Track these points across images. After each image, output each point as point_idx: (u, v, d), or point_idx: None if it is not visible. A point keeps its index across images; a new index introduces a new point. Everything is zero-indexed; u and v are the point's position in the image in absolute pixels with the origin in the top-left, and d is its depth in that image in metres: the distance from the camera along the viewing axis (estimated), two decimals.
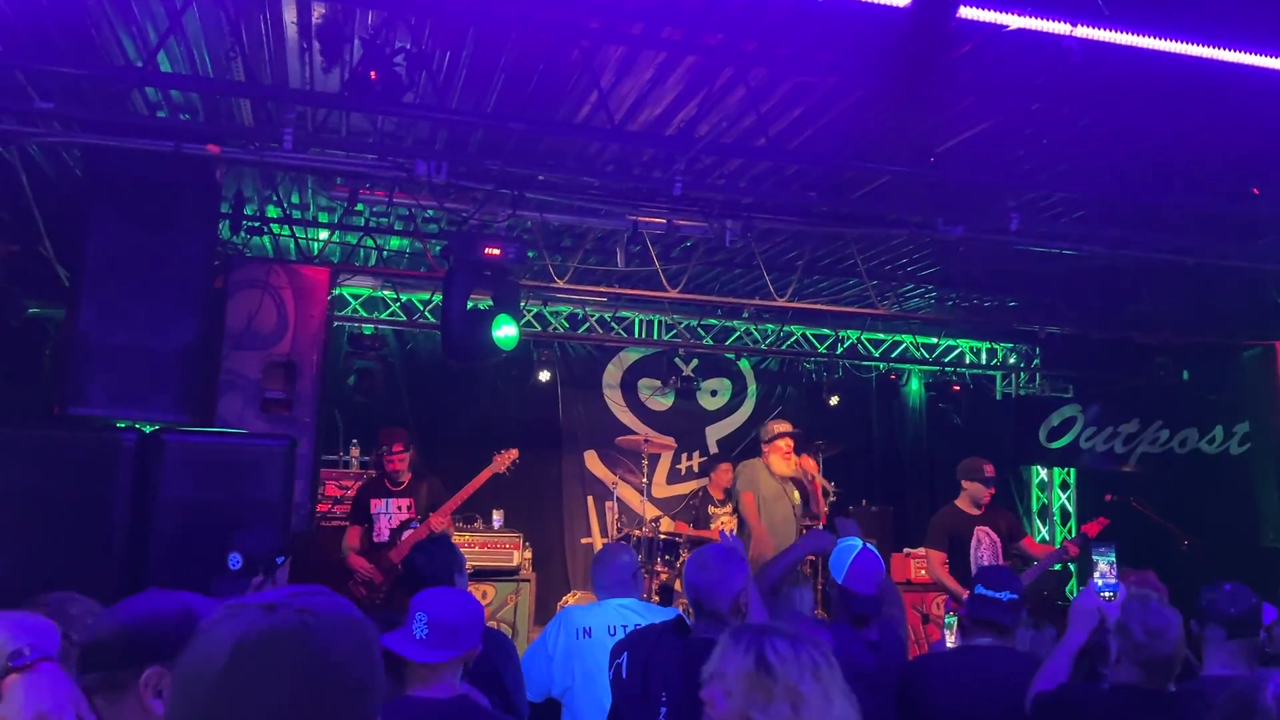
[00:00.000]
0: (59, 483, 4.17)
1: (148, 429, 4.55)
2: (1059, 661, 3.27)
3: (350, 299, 9.32)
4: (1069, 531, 11.11)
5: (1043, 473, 11.36)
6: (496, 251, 5.59)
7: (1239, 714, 1.98)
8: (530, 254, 6.83)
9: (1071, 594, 10.15)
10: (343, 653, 1.16)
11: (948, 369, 10.80)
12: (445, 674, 2.91)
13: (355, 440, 8.78)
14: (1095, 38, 3.63)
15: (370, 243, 7.83)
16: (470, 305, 5.89)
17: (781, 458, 7.21)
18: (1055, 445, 10.25)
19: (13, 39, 4.70)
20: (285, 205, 7.28)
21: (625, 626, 4.08)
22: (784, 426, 7.45)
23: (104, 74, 4.95)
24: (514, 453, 7.21)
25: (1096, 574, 3.37)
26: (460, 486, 6.78)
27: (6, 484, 4.11)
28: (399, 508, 6.67)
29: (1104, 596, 3.34)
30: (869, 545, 3.66)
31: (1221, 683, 2.92)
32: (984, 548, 6.63)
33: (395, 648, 2.84)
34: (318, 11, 4.58)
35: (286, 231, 7.53)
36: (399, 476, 6.71)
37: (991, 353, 11.38)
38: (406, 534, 6.51)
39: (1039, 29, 3.61)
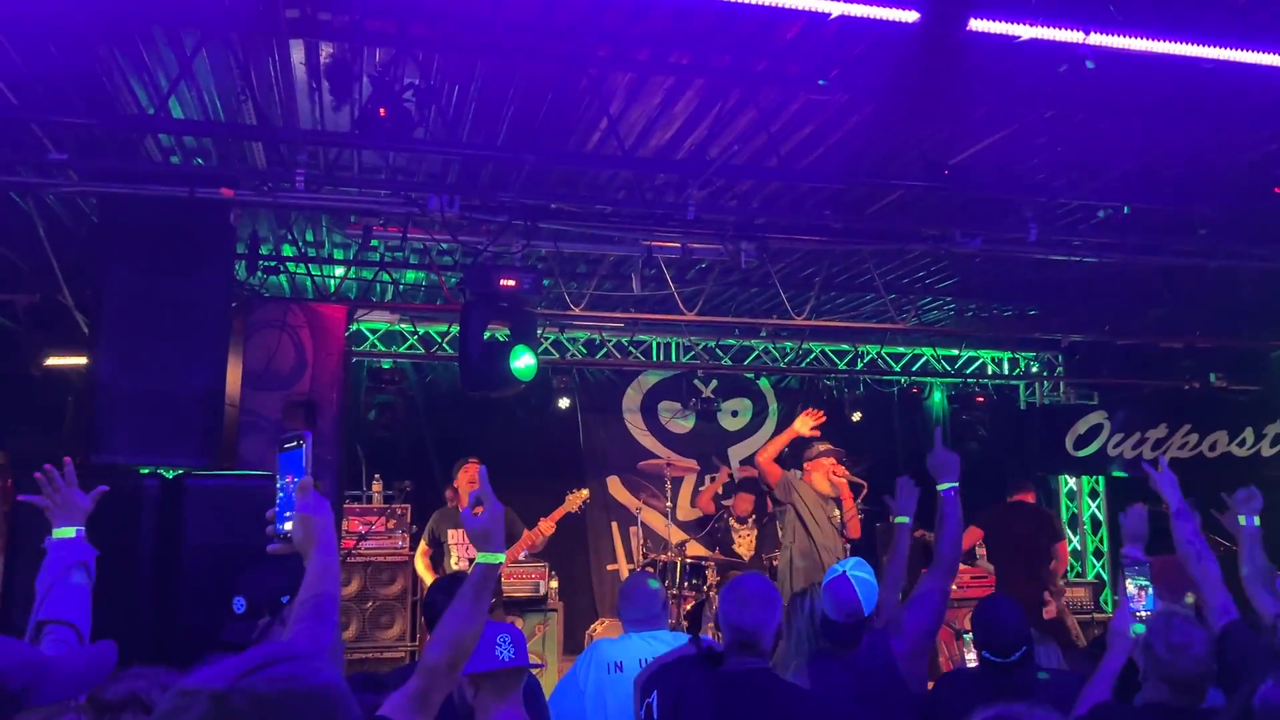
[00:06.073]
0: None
1: (170, 474, 4.53)
2: (1100, 685, 3.21)
3: (368, 334, 9.33)
4: (1100, 540, 10.95)
5: (1071, 481, 11.22)
6: (512, 282, 5.59)
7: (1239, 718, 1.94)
8: (546, 282, 6.81)
9: (1107, 605, 10.00)
10: None
11: (970, 380, 10.69)
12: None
13: (377, 475, 8.76)
14: (1109, 45, 3.58)
15: (386, 277, 7.84)
16: (488, 336, 5.87)
17: (824, 476, 7.04)
18: (1082, 453, 10.10)
19: (27, 92, 4.75)
20: (300, 244, 7.31)
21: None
22: (826, 445, 7.30)
23: (117, 123, 4.99)
24: (584, 493, 7.71)
25: (1128, 597, 3.33)
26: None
27: (36, 535, 4.09)
28: None
29: (1138, 617, 3.29)
30: (849, 573, 3.55)
31: None
32: None
33: (490, 667, 2.93)
34: (325, 51, 4.60)
35: (303, 270, 7.55)
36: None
37: (1014, 362, 11.27)
38: None
39: (1052, 38, 3.57)
